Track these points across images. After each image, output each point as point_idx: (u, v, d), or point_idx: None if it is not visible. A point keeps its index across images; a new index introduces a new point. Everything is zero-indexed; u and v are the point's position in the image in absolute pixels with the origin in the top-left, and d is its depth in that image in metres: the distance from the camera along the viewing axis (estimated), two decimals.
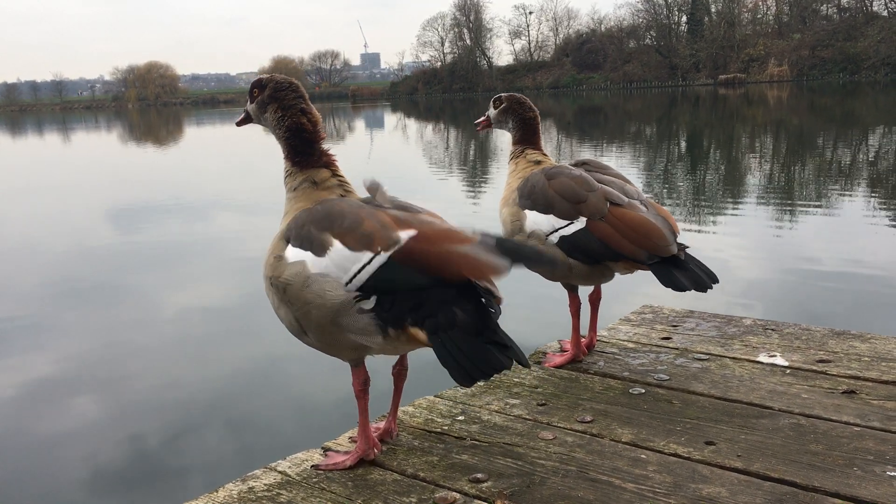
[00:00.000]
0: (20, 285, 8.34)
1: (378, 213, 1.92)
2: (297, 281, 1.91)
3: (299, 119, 2.13)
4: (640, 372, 2.67)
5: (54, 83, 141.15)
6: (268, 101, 2.15)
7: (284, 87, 2.14)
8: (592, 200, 2.54)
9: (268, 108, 2.16)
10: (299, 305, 1.92)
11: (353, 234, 1.88)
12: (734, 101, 47.09)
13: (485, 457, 2.09)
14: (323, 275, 1.88)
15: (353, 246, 1.86)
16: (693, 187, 13.78)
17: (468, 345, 1.76)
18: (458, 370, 1.75)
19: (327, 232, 1.91)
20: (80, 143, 39.34)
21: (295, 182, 2.13)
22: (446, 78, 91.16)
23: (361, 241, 1.86)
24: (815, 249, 8.24)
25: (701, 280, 2.42)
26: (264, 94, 2.16)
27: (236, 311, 6.92)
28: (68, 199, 16.04)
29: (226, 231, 11.29)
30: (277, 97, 2.14)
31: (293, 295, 1.92)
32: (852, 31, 67.82)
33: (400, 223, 1.89)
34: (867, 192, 11.95)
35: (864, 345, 2.84)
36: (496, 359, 1.75)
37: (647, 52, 79.94)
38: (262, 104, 2.17)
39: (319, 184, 2.11)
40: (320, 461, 2.11)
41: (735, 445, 2.09)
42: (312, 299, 1.89)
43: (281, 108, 2.13)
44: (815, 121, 28.95)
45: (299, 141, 2.13)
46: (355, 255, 1.85)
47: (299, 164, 2.13)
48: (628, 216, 2.51)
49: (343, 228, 1.90)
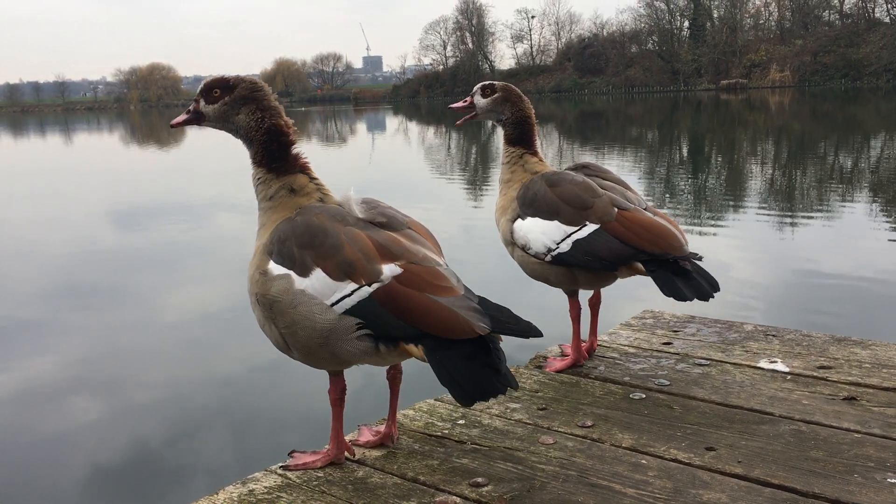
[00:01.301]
0: (22, 287, 8.34)
1: (359, 237, 1.87)
2: (285, 298, 1.87)
3: (278, 121, 2.05)
4: (640, 377, 2.67)
5: (57, 84, 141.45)
6: (242, 102, 2.04)
7: (260, 87, 2.07)
8: (599, 206, 2.52)
9: (242, 108, 2.05)
10: (287, 324, 1.89)
11: (333, 259, 1.84)
12: (736, 106, 47.11)
13: (485, 461, 2.09)
14: (310, 295, 1.85)
15: (334, 274, 1.83)
16: (695, 192, 13.79)
17: (466, 366, 1.75)
18: (459, 390, 1.75)
19: (309, 251, 1.87)
20: (81, 145, 39.38)
21: (270, 190, 2.05)
22: (448, 81, 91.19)
23: (342, 268, 1.83)
24: (816, 255, 8.24)
25: (703, 289, 2.39)
26: (234, 94, 2.05)
27: (238, 313, 6.92)
28: (70, 200, 16.05)
29: (227, 232, 11.30)
30: (255, 98, 2.05)
31: (280, 312, 1.89)
32: (854, 37, 67.90)
33: (383, 253, 1.85)
34: (868, 199, 11.95)
35: (864, 351, 2.84)
36: (493, 384, 1.75)
37: (650, 57, 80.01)
38: (233, 104, 2.05)
39: (298, 191, 2.05)
40: (289, 462, 2.11)
41: (736, 451, 2.09)
42: (300, 320, 1.86)
43: (259, 109, 2.04)
44: (817, 127, 28.96)
45: (277, 145, 2.05)
46: (336, 285, 1.83)
47: (276, 171, 2.05)
48: (637, 218, 2.49)
49: (324, 250, 1.85)
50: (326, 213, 1.94)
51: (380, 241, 1.88)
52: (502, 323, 1.79)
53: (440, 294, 1.80)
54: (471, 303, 1.80)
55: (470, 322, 1.75)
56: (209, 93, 2.07)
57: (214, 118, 2.09)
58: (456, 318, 1.76)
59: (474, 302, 1.81)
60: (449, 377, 1.75)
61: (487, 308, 1.81)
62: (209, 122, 2.10)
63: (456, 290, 1.83)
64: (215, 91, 2.06)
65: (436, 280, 1.83)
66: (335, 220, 1.92)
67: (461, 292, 1.83)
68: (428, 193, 14.83)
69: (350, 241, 1.86)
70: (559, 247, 2.53)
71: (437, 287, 1.82)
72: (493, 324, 1.77)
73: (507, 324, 1.79)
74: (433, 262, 1.89)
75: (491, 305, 1.83)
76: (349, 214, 1.95)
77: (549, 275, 2.63)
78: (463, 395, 1.75)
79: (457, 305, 1.78)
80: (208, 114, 2.09)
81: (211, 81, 2.09)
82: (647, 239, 2.44)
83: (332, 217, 1.93)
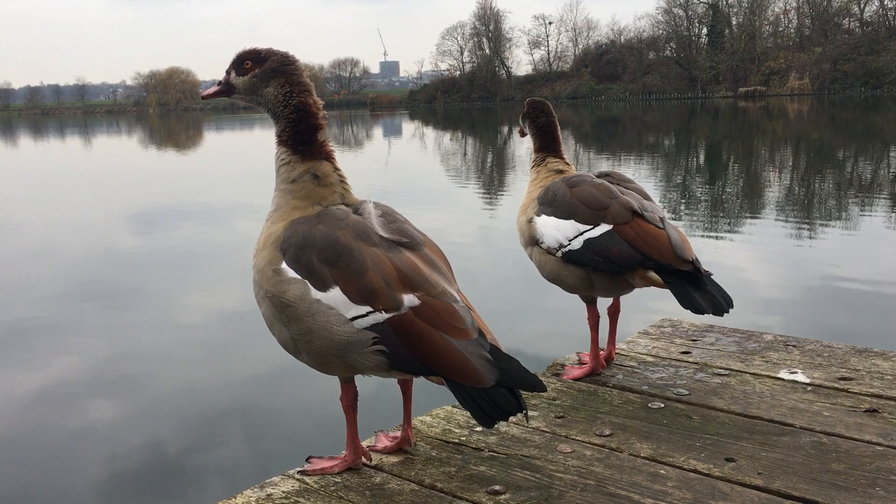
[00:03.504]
0: (41, 288, 8.42)
1: (384, 264, 1.86)
2: (301, 306, 1.85)
3: (307, 98, 2.00)
4: (659, 386, 2.65)
5: (77, 87, 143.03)
6: (272, 75, 1.99)
7: (292, 60, 2.01)
8: (615, 207, 2.55)
9: (271, 82, 1.99)
10: (302, 331, 1.87)
11: (355, 283, 1.83)
12: (754, 113, 46.84)
13: (502, 469, 2.08)
14: (327, 306, 1.84)
15: (354, 297, 1.83)
16: (713, 200, 13.71)
17: (486, 391, 1.78)
18: (480, 413, 1.78)
19: (331, 269, 1.85)
20: (101, 147, 39.75)
21: (294, 173, 2.00)
22: (465, 87, 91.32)
23: (363, 293, 1.82)
24: (836, 264, 8.17)
25: (719, 304, 2.40)
26: (265, 67, 2.00)
27: (257, 316, 6.94)
28: (89, 202, 16.19)
29: (246, 235, 11.35)
30: (286, 71, 2.00)
31: (295, 318, 1.87)
32: (874, 45, 67.35)
33: (405, 282, 1.85)
34: (889, 208, 11.83)
35: (886, 363, 2.81)
36: (512, 403, 1.79)
37: (667, 64, 79.73)
38: (263, 76, 2.00)
39: (321, 178, 2.01)
40: (307, 467, 2.12)
41: (756, 462, 2.07)
42: (317, 329, 1.85)
43: (289, 84, 1.99)
44: (836, 135, 28.73)
45: (305, 125, 2.00)
46: (354, 307, 1.83)
47: (302, 153, 2.00)
48: (650, 226, 2.51)
49: (348, 273, 1.84)
50: (351, 230, 1.90)
51: (401, 268, 1.87)
52: (511, 376, 1.81)
53: (454, 335, 1.81)
54: (482, 350, 1.81)
55: (480, 372, 1.78)
56: (240, 64, 2.04)
57: (244, 90, 2.04)
58: (467, 366, 1.78)
59: (486, 350, 1.82)
60: (469, 400, 1.79)
61: (498, 359, 1.82)
62: (239, 94, 2.06)
63: (469, 332, 1.83)
64: (247, 63, 2.02)
65: (451, 319, 1.83)
66: (360, 240, 1.89)
67: (474, 335, 1.83)
68: (443, 197, 14.84)
69: (375, 266, 1.85)
70: (571, 244, 2.57)
71: (451, 327, 1.82)
72: (501, 376, 1.79)
73: (515, 377, 1.81)
74: (450, 297, 1.89)
75: (501, 356, 1.84)
76: (372, 231, 1.92)
77: (565, 277, 2.64)
78: (484, 418, 1.78)
79: (469, 351, 1.80)
80: (238, 85, 2.05)
81: (243, 53, 2.05)
82: (656, 247, 2.46)
83: (357, 235, 1.89)
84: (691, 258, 2.46)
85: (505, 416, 1.78)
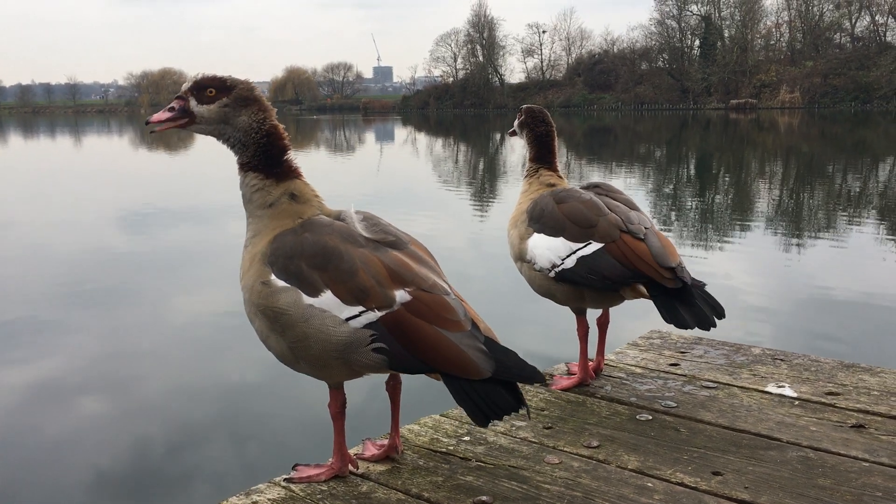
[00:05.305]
0: (30, 288, 8.36)
1: (373, 263, 1.86)
2: (294, 312, 1.85)
3: (277, 123, 1.99)
4: (647, 398, 2.66)
5: (68, 86, 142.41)
6: (244, 103, 1.95)
7: (255, 87, 1.99)
8: (603, 225, 2.54)
9: (243, 110, 1.94)
10: (297, 337, 1.86)
11: (346, 284, 1.82)
12: (745, 126, 47.11)
13: (490, 479, 2.08)
14: (321, 309, 1.83)
15: (346, 298, 1.82)
16: (702, 212, 13.77)
17: (483, 387, 1.77)
18: (475, 410, 1.77)
19: (320, 273, 1.84)
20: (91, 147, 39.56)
21: (271, 197, 1.97)
22: (458, 93, 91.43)
23: (354, 294, 1.82)
24: (824, 278, 8.22)
25: (705, 318, 2.38)
26: (233, 95, 1.94)
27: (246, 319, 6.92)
28: (80, 202, 16.11)
29: (236, 237, 11.31)
30: (257, 97, 1.97)
31: (288, 325, 1.86)
32: (865, 60, 67.91)
33: (394, 278, 1.85)
34: (877, 222, 11.92)
35: (873, 378, 2.82)
36: (508, 401, 1.78)
37: (659, 75, 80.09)
38: (235, 105, 1.94)
39: (299, 196, 1.99)
40: (293, 474, 2.10)
41: (742, 476, 2.07)
42: (313, 334, 1.84)
43: (262, 111, 1.96)
44: (826, 148, 28.93)
45: (276, 149, 1.98)
46: (347, 308, 1.82)
47: (276, 175, 1.98)
48: (631, 242, 2.50)
49: (337, 275, 1.83)
50: (338, 235, 1.90)
51: (390, 266, 1.87)
52: (508, 368, 1.80)
53: (448, 328, 1.81)
54: (476, 342, 1.81)
55: (476, 364, 1.77)
56: (202, 92, 1.94)
57: (210, 119, 1.95)
58: (462, 357, 1.78)
59: (480, 341, 1.82)
60: (464, 396, 1.78)
61: (494, 351, 1.81)
62: (200, 123, 1.96)
63: (463, 324, 1.83)
64: (209, 91, 1.94)
65: (444, 312, 1.83)
66: (347, 242, 1.89)
67: (468, 327, 1.83)
68: (434, 204, 14.84)
69: (364, 266, 1.85)
70: (564, 262, 2.55)
71: (444, 319, 1.82)
72: (497, 368, 1.78)
73: (512, 369, 1.80)
74: (441, 290, 1.89)
75: (498, 348, 1.83)
76: (358, 234, 1.93)
77: (556, 292, 2.64)
78: (479, 416, 1.78)
79: (464, 344, 1.79)
80: (201, 114, 1.95)
81: (203, 80, 1.95)
82: (641, 263, 2.45)
83: (344, 239, 1.90)
84: (674, 264, 2.45)
85: (500, 414, 1.77)
